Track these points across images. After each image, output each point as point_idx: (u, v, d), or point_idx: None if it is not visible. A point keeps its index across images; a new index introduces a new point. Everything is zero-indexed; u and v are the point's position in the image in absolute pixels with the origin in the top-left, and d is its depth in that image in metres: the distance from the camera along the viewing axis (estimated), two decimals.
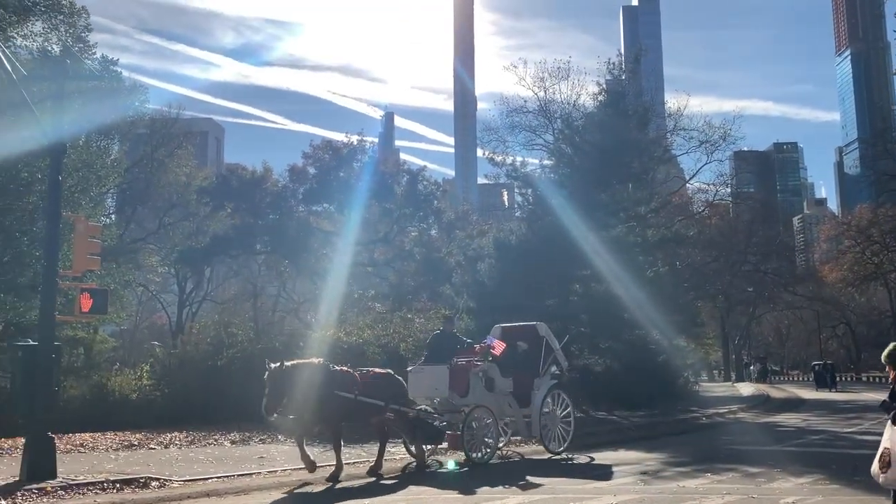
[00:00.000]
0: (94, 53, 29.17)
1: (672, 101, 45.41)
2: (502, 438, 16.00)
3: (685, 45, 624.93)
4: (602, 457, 15.88)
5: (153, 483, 11.80)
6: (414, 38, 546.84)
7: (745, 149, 76.44)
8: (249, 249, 44.93)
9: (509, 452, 16.03)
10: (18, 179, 25.03)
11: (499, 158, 37.74)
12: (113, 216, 40.95)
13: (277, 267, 49.40)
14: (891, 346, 7.55)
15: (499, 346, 15.47)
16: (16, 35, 26.12)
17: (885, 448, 7.09)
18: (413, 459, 14.02)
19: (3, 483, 11.43)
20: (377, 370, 14.11)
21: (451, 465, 13.81)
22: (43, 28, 27.57)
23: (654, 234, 34.37)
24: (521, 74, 38.99)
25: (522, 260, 29.35)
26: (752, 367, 74.95)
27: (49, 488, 11.10)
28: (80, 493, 11.12)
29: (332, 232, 42.58)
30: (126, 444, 16.92)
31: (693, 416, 27.21)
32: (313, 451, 13.11)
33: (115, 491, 11.36)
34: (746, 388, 49.39)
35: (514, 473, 13.07)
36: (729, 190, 56.81)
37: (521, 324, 17.61)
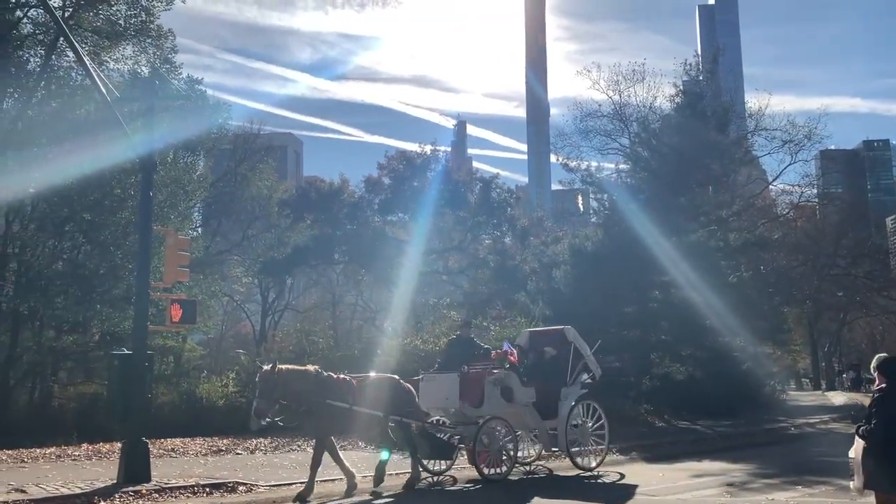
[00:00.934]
0: (181, 73, 30.38)
1: (753, 101, 43.92)
2: (531, 452, 15.07)
3: (765, 42, 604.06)
4: (685, 467, 15.50)
5: (240, 488, 12.22)
6: (485, 46, 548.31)
7: (832, 147, 73.26)
8: (328, 259, 45.81)
9: (536, 467, 15.10)
10: (112, 196, 26.36)
11: (573, 164, 37.40)
12: (199, 229, 42.49)
13: (355, 276, 50.19)
14: (884, 356, 7.70)
15: (514, 358, 14.34)
16: (108, 59, 27.52)
17: (851, 458, 7.56)
18: (428, 474, 13.39)
19: (102, 485, 12.01)
20: (384, 376, 13.31)
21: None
22: (133, 51, 28.96)
23: (736, 238, 33.40)
24: (594, 78, 38.54)
25: (599, 266, 29.03)
26: (844, 375, 71.55)
27: (144, 491, 11.62)
28: (172, 497, 11.60)
29: (406, 241, 42.97)
30: (214, 449, 17.52)
31: (781, 426, 26.24)
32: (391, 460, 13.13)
33: (205, 495, 11.82)
34: (838, 398, 47.16)
35: (526, 493, 12.29)
36: (815, 191, 54.51)
37: (549, 328, 16.55)
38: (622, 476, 14.19)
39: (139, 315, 13.16)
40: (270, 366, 11.50)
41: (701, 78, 37.89)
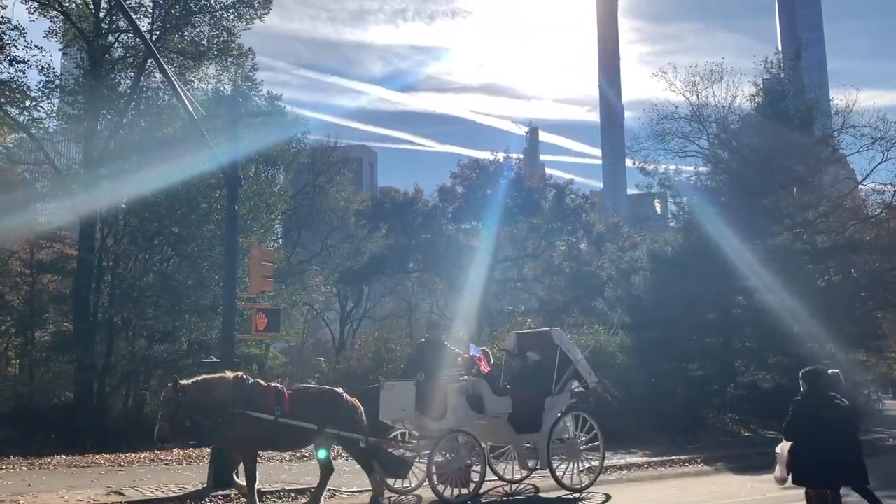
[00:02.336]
0: (261, 90, 31.50)
1: (839, 97, 41.93)
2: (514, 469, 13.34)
3: (852, 35, 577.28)
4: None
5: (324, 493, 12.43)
6: (555, 52, 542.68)
7: None
8: (403, 268, 46.36)
9: (522, 486, 13.44)
10: (198, 210, 27.42)
11: (650, 167, 36.63)
12: (280, 240, 43.73)
13: (430, 284, 50.61)
14: (808, 368, 8.91)
15: (484, 364, 12.88)
16: (193, 79, 28.71)
17: (777, 452, 8.69)
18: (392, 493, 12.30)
19: (194, 489, 12.48)
20: (324, 388, 11.92)
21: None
22: (215, 70, 30.20)
23: (824, 241, 32.08)
24: (670, 80, 37.67)
25: (679, 272, 28.39)
26: None
27: (233, 495, 11.95)
28: (259, 502, 11.93)
29: (480, 249, 43.09)
30: (298, 455, 17.84)
31: (877, 436, 25.02)
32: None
33: (290, 500, 12.12)
34: None
35: None
36: None
37: (536, 330, 15.18)
38: (608, 497, 12.63)
39: (226, 324, 13.63)
40: (172, 384, 10.19)
41: (783, 75, 36.63)
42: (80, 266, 26.17)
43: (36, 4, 26.69)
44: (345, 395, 11.40)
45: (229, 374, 10.84)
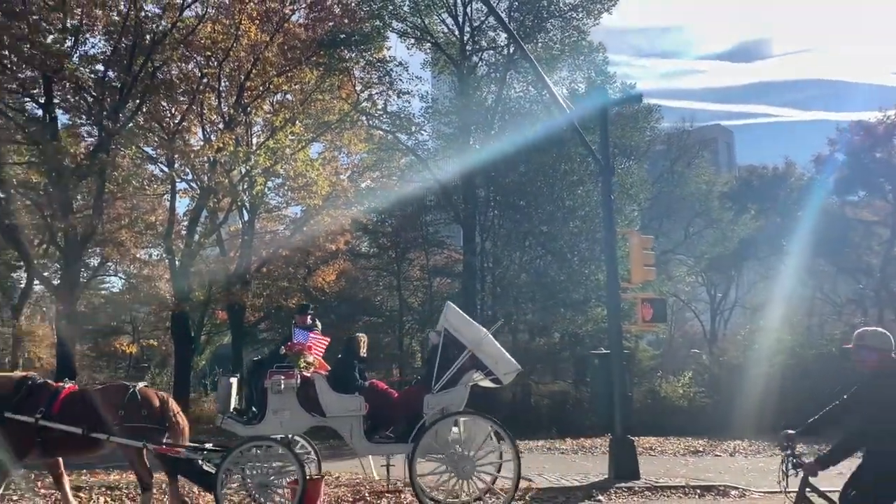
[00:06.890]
0: (615, 83, 31.48)
1: None
2: (474, 484, 9.42)
3: None
4: None
5: (732, 492, 11.75)
6: None
7: None
8: (778, 250, 42.68)
9: None
10: (563, 208, 28.34)
11: None
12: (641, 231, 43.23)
13: (812, 267, 45.56)
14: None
15: (317, 345, 10.05)
16: (549, 83, 29.77)
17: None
18: None
19: (596, 479, 12.72)
20: (116, 383, 9.99)
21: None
22: (567, 72, 31.16)
23: None
24: None
25: None
26: None
27: (637, 488, 11.90)
28: (664, 496, 11.65)
29: (875, 222, 37.65)
30: (691, 449, 17.33)
31: None
32: None
33: (696, 496, 11.62)
34: None
35: None
36: None
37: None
38: None
39: (612, 316, 13.64)
40: None
41: None
42: (466, 268, 28.76)
43: (412, 40, 30.07)
44: (136, 390, 9.33)
45: (17, 374, 9.65)
